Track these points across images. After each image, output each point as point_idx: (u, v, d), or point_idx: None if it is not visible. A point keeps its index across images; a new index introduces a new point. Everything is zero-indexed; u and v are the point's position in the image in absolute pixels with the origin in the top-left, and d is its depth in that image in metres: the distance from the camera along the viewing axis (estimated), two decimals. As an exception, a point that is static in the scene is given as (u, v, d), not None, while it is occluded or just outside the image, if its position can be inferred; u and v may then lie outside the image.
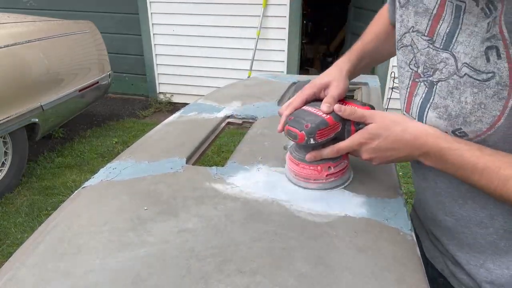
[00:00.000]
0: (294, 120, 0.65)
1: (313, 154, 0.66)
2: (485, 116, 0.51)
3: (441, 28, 0.55)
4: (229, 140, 3.36)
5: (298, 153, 0.68)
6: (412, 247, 0.55)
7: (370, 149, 0.61)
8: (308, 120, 0.63)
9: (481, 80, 0.50)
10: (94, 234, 0.57)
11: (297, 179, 0.69)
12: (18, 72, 2.43)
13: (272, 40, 3.88)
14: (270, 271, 0.50)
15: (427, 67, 0.58)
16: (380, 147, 0.59)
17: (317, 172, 0.67)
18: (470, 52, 0.51)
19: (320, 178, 0.68)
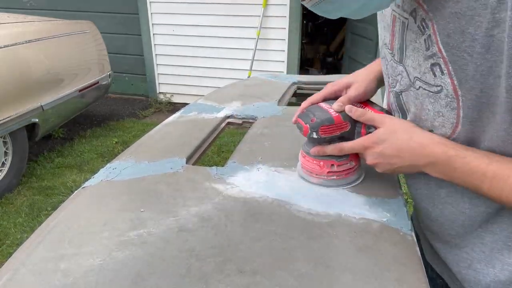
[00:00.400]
0: (304, 113, 0.68)
1: (317, 148, 0.67)
2: (446, 123, 0.53)
3: (395, 42, 0.57)
4: (229, 140, 3.36)
5: (307, 146, 0.70)
6: (412, 247, 0.55)
7: (374, 154, 0.60)
8: (315, 115, 0.65)
9: (434, 92, 0.52)
10: (94, 234, 0.57)
11: (302, 171, 0.72)
12: (18, 72, 2.43)
13: (272, 40, 3.88)
14: (270, 271, 0.50)
15: (392, 78, 0.62)
16: (385, 153, 0.58)
17: (319, 167, 0.68)
18: (417, 67, 0.53)
19: (321, 174, 0.69)
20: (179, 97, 4.42)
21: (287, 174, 0.74)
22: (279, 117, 1.03)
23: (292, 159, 0.79)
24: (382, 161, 0.60)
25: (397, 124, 0.59)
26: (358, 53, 4.37)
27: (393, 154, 0.58)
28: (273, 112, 1.06)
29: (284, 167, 0.76)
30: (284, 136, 0.90)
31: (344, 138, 0.66)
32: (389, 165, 0.59)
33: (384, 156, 0.59)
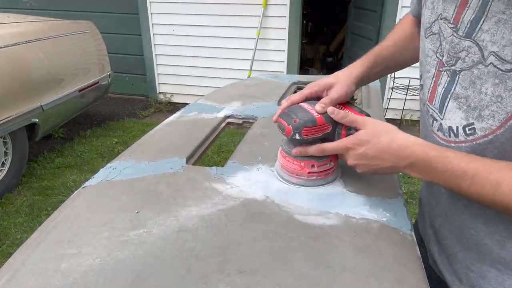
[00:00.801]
0: (286, 113, 0.68)
1: (299, 149, 0.68)
2: (499, 112, 0.49)
3: (465, 15, 0.52)
4: (229, 140, 3.36)
5: (288, 146, 0.70)
6: (412, 247, 0.55)
7: (356, 155, 0.61)
8: (298, 116, 0.66)
9: (504, 71, 0.48)
10: (94, 234, 0.57)
11: (282, 171, 0.72)
12: (18, 72, 2.43)
13: (272, 40, 3.88)
14: (270, 271, 0.50)
15: (450, 55, 0.56)
16: (366, 154, 0.59)
17: (300, 168, 0.69)
18: (499, 41, 0.48)
19: (302, 174, 0.69)
20: (179, 97, 4.42)
21: (287, 174, 0.74)
22: (279, 117, 1.03)
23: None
24: (363, 162, 0.61)
25: (378, 126, 0.60)
26: (358, 53, 4.37)
27: (374, 156, 0.59)
28: (273, 112, 1.06)
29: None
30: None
31: (324, 139, 0.67)
32: (369, 166, 0.61)
33: (365, 157, 0.60)
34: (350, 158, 0.62)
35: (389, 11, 3.51)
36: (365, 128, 0.60)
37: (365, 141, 0.59)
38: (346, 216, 0.61)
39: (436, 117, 0.61)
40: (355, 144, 0.60)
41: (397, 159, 0.57)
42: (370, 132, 0.60)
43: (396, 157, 0.57)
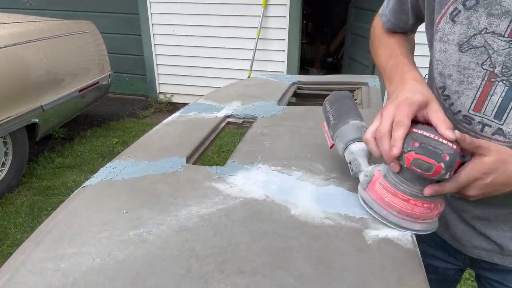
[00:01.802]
0: (422, 147, 0.53)
1: (436, 188, 0.55)
2: None
3: None
4: (229, 140, 3.36)
5: (408, 186, 0.56)
6: (412, 247, 0.55)
7: (482, 185, 0.55)
8: (441, 149, 0.52)
9: None
10: (94, 234, 0.57)
11: (399, 217, 0.57)
12: (18, 72, 2.43)
13: (272, 40, 3.88)
14: (270, 271, 0.50)
15: (508, 67, 0.60)
16: (495, 183, 0.55)
17: (430, 210, 0.56)
18: None
19: (430, 217, 0.57)
20: (179, 97, 4.42)
21: (287, 173, 0.74)
22: (279, 116, 1.03)
23: (292, 158, 0.79)
24: (489, 190, 0.56)
25: (501, 150, 0.56)
26: (358, 53, 4.37)
27: (502, 183, 0.56)
28: (273, 111, 1.06)
29: (284, 166, 0.76)
30: (284, 135, 0.90)
31: None
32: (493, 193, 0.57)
33: (493, 185, 0.56)
34: (474, 188, 0.56)
35: (389, 11, 3.50)
36: (489, 154, 0.55)
37: (494, 169, 0.54)
38: (346, 216, 0.61)
39: (490, 123, 0.65)
40: (484, 173, 0.54)
41: None
42: (498, 158, 0.55)
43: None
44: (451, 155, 0.51)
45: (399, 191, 0.56)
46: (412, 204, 0.56)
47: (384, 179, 0.58)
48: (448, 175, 0.52)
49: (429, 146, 0.53)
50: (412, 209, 0.56)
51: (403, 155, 0.54)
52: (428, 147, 0.52)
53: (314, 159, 0.78)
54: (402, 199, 0.56)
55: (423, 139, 0.54)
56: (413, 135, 0.55)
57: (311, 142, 0.86)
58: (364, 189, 0.62)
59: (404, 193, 0.56)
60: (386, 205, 0.57)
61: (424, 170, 0.52)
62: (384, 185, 0.58)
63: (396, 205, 0.57)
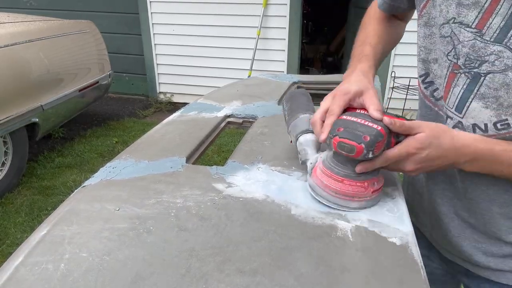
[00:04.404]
0: (346, 131, 0.58)
1: (365, 165, 0.59)
2: None
3: (493, 21, 0.55)
4: (229, 140, 3.36)
5: (341, 168, 0.61)
6: (412, 247, 0.55)
7: (418, 159, 0.58)
8: (363, 131, 0.57)
9: None
10: (94, 233, 0.57)
11: (337, 197, 0.62)
12: (18, 72, 2.43)
13: (273, 40, 3.88)
14: (270, 271, 0.50)
15: (471, 59, 0.59)
16: (430, 157, 0.58)
17: (364, 188, 0.61)
18: None
19: (365, 195, 0.61)
20: (179, 96, 4.42)
21: (288, 173, 0.73)
22: (280, 116, 1.03)
23: (292, 158, 0.78)
24: (424, 165, 0.59)
25: (435, 127, 0.59)
26: (358, 52, 4.36)
27: (437, 156, 0.58)
28: (274, 111, 1.06)
29: (284, 166, 0.76)
30: (285, 135, 0.90)
31: None
32: (429, 168, 0.60)
33: (428, 159, 0.58)
34: (410, 163, 0.59)
35: (389, 11, 3.50)
36: (422, 131, 0.58)
37: (427, 144, 0.57)
38: (346, 216, 0.61)
39: (451, 116, 0.65)
40: (418, 148, 0.57)
41: (458, 157, 0.59)
42: (430, 134, 0.58)
43: (458, 155, 0.59)
44: (372, 135, 0.56)
45: (333, 173, 0.61)
46: (347, 184, 0.61)
47: (322, 164, 0.64)
48: (371, 154, 0.57)
49: (352, 130, 0.58)
50: (347, 188, 0.61)
51: (331, 140, 0.59)
52: (351, 131, 0.58)
53: (314, 159, 0.78)
54: (337, 180, 0.61)
55: (348, 123, 0.59)
56: (340, 121, 0.61)
57: (311, 142, 0.86)
58: (310, 176, 0.66)
59: (338, 174, 0.61)
60: (325, 187, 0.63)
61: (348, 151, 0.57)
62: (323, 169, 0.63)
63: (332, 186, 0.62)
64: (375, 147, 0.56)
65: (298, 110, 0.77)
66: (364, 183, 0.61)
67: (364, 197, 0.61)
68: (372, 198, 0.62)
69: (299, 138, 0.72)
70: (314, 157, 0.68)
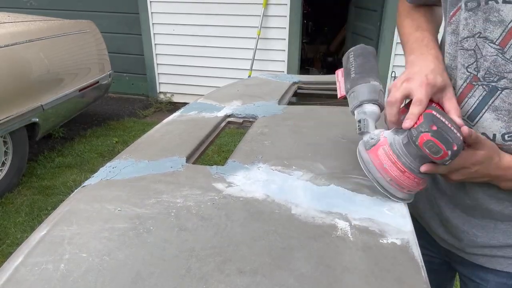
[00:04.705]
0: (439, 132, 0.55)
1: (431, 167, 0.59)
2: None
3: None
4: (229, 140, 3.36)
5: (409, 160, 0.60)
6: (413, 247, 0.55)
7: (467, 172, 0.62)
8: (452, 138, 0.55)
9: None
10: (94, 233, 0.57)
11: (390, 184, 0.62)
12: (18, 71, 2.43)
13: (273, 40, 3.88)
14: (270, 270, 0.50)
15: (491, 73, 0.61)
16: (478, 173, 0.62)
17: (417, 184, 0.62)
18: None
19: (414, 190, 0.63)
20: (179, 96, 4.42)
21: (288, 173, 0.73)
22: (280, 116, 1.03)
23: (292, 158, 0.78)
24: (468, 177, 0.63)
25: (491, 147, 0.61)
26: (358, 52, 4.35)
27: (484, 175, 0.62)
28: (274, 111, 1.06)
29: (284, 166, 0.76)
30: (285, 135, 0.90)
31: None
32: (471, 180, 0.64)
33: (475, 175, 0.62)
34: (458, 174, 0.62)
35: (389, 11, 3.51)
36: (484, 149, 0.60)
37: (481, 162, 0.61)
38: (347, 216, 0.61)
39: None
40: (473, 164, 0.61)
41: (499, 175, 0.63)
42: (488, 154, 0.61)
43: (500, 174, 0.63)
44: (459, 145, 0.55)
45: (399, 161, 0.60)
46: (406, 176, 0.61)
47: (389, 147, 0.61)
48: (449, 162, 0.56)
49: (444, 132, 0.56)
50: (404, 180, 0.61)
51: (420, 133, 0.56)
52: (443, 133, 0.56)
53: (315, 159, 0.78)
54: (399, 169, 0.60)
55: (441, 124, 0.56)
56: (431, 117, 0.57)
57: (311, 141, 0.86)
58: (367, 150, 0.64)
59: (404, 164, 0.60)
60: (383, 170, 0.62)
61: (433, 152, 0.55)
62: (388, 152, 0.61)
63: (392, 172, 0.61)
64: (457, 156, 0.56)
65: (370, 73, 0.71)
66: (420, 180, 0.61)
67: (412, 191, 0.63)
68: (414, 192, 0.64)
69: (365, 105, 0.68)
70: (376, 133, 0.65)
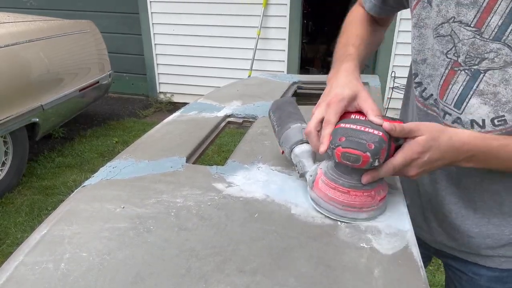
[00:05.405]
0: (349, 140, 0.55)
1: (371, 174, 0.58)
2: None
3: (492, 20, 0.57)
4: (229, 140, 3.36)
5: (346, 178, 0.58)
6: (412, 247, 0.55)
7: (420, 163, 0.58)
8: (367, 139, 0.55)
9: None
10: (94, 233, 0.57)
11: (344, 209, 0.59)
12: (18, 71, 2.43)
13: (273, 40, 3.88)
14: (270, 270, 0.50)
15: (472, 56, 0.60)
16: (431, 159, 0.57)
17: (371, 198, 0.59)
18: None
19: (373, 204, 0.59)
20: (179, 96, 4.42)
21: (287, 173, 0.73)
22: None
23: (292, 158, 0.78)
24: (426, 168, 0.58)
25: (431, 128, 0.58)
26: (358, 52, 4.36)
27: (438, 158, 0.58)
28: (273, 111, 1.06)
29: (284, 166, 0.76)
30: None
31: None
32: (430, 169, 0.60)
33: (430, 162, 0.58)
34: (413, 168, 0.58)
35: (389, 11, 3.50)
36: (421, 134, 0.57)
37: (428, 147, 0.57)
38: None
39: (450, 112, 0.66)
40: (420, 152, 0.57)
41: (457, 155, 0.59)
42: (429, 137, 0.57)
43: (458, 153, 0.59)
44: (376, 142, 0.54)
45: (338, 185, 0.59)
46: (353, 195, 0.58)
47: (325, 176, 0.61)
48: (377, 162, 0.55)
49: (355, 138, 0.55)
50: (353, 199, 0.58)
51: (333, 150, 0.56)
52: (354, 140, 0.55)
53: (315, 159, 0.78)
54: (343, 191, 0.59)
55: (349, 132, 0.56)
56: (339, 130, 0.58)
57: (311, 141, 0.86)
58: (311, 188, 0.64)
59: (343, 186, 0.58)
60: (330, 200, 0.60)
61: (353, 161, 0.55)
62: (325, 181, 0.60)
63: (338, 198, 0.59)
64: (380, 154, 0.54)
65: (288, 120, 0.73)
66: (370, 192, 0.59)
67: (371, 206, 0.59)
68: (379, 206, 0.61)
69: (294, 149, 0.69)
70: (313, 169, 0.65)
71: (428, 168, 0.59)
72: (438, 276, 1.86)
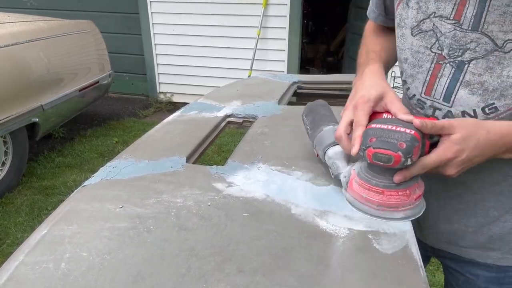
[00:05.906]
0: (380, 140, 0.55)
1: (404, 173, 0.57)
2: None
3: (467, 11, 0.58)
4: (229, 140, 3.36)
5: (379, 179, 0.58)
6: (412, 247, 0.55)
7: (458, 162, 0.56)
8: (398, 138, 0.54)
9: None
10: (94, 233, 0.57)
11: (380, 209, 0.59)
12: (18, 71, 2.43)
13: (273, 40, 3.88)
14: (270, 270, 0.50)
15: (454, 48, 0.62)
16: (470, 157, 0.56)
17: (406, 196, 0.58)
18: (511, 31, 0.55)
19: (409, 203, 0.59)
20: (179, 96, 4.42)
21: (287, 173, 0.74)
22: (280, 116, 1.03)
23: (292, 158, 0.79)
24: (465, 166, 0.57)
25: (468, 124, 0.57)
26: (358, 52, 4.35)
27: (476, 155, 0.57)
28: (274, 111, 1.06)
29: (284, 166, 0.76)
30: (285, 135, 0.90)
31: None
32: (469, 166, 0.59)
33: (468, 161, 0.57)
34: (451, 167, 0.57)
35: (389, 11, 3.50)
36: (455, 131, 0.56)
37: (464, 145, 0.56)
38: (346, 215, 0.61)
39: (439, 107, 0.66)
40: (456, 151, 0.56)
41: (497, 148, 0.58)
42: (465, 134, 0.56)
43: (497, 147, 0.58)
44: (408, 141, 0.54)
45: (372, 185, 0.59)
46: (387, 195, 0.58)
47: (358, 177, 0.61)
48: (409, 160, 0.54)
49: (386, 138, 0.55)
50: (388, 199, 0.58)
51: (364, 152, 0.56)
52: (384, 140, 0.55)
53: (314, 159, 0.78)
54: (377, 192, 0.59)
55: (380, 132, 0.56)
56: (369, 131, 0.58)
57: (311, 141, 0.86)
58: (345, 190, 0.65)
59: (377, 186, 0.58)
60: (365, 201, 0.60)
61: (385, 161, 0.54)
62: (359, 182, 0.60)
63: (373, 199, 0.59)
64: (412, 153, 0.54)
65: (320, 122, 0.74)
66: (406, 191, 0.58)
67: (408, 205, 0.59)
68: (416, 205, 0.60)
69: (328, 151, 0.69)
70: (347, 170, 0.65)
71: (467, 166, 0.58)
72: (438, 276, 1.86)
